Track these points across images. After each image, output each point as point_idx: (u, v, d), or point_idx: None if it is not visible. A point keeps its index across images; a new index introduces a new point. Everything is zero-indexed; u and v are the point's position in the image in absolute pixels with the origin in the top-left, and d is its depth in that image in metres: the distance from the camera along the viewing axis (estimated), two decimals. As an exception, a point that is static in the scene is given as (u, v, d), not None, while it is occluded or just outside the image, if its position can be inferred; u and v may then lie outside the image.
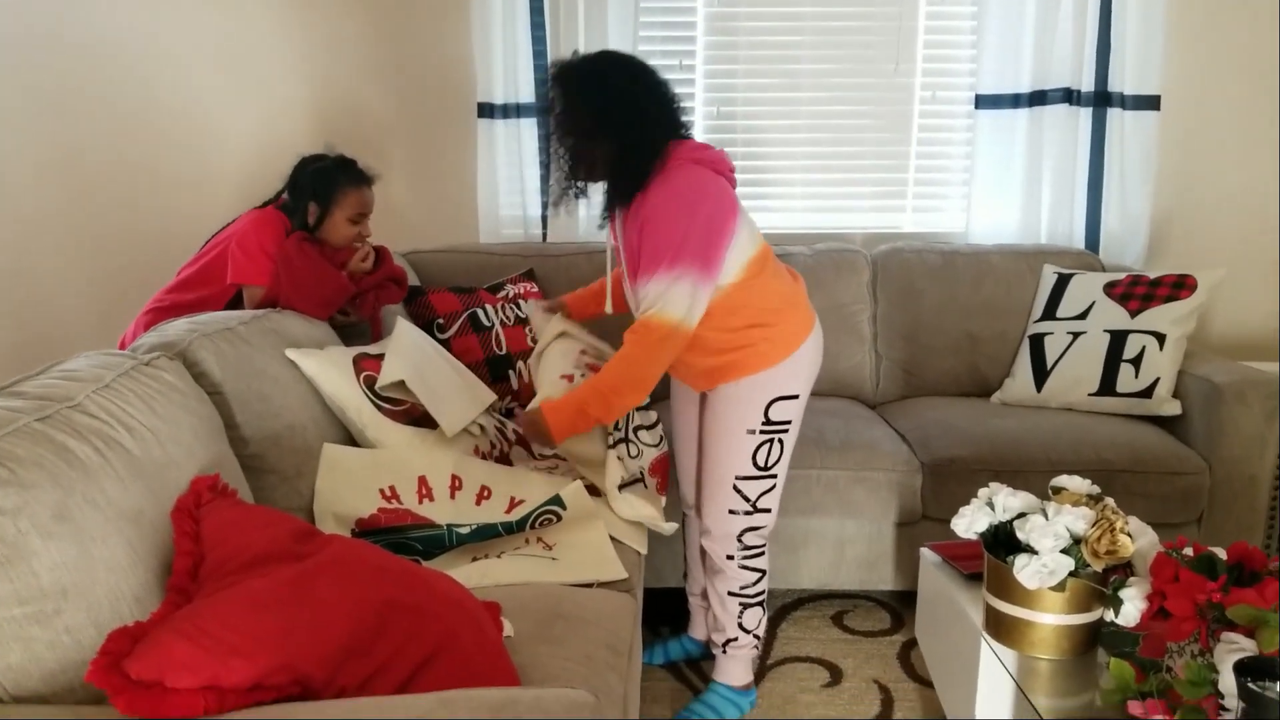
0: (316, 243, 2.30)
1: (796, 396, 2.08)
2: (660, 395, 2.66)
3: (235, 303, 2.32)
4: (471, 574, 1.78)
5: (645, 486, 2.16)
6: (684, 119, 2.03)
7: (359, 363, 2.09)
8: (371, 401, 2.04)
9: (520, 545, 1.92)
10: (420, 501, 1.98)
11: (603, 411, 1.98)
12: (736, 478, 2.08)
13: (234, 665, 1.08)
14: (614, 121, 1.93)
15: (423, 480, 2.01)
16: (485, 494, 2.05)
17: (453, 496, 2.01)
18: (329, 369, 2.02)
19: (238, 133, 3.26)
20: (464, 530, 1.89)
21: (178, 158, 3.26)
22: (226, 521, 1.35)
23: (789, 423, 2.09)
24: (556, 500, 1.92)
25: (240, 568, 1.26)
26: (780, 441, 2.09)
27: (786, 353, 2.03)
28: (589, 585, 1.83)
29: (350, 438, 2.07)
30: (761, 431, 2.06)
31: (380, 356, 2.16)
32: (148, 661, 1.05)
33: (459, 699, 1.10)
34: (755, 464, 2.07)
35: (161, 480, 1.39)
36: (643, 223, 1.91)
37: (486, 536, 1.90)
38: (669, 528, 2.08)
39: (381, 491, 1.97)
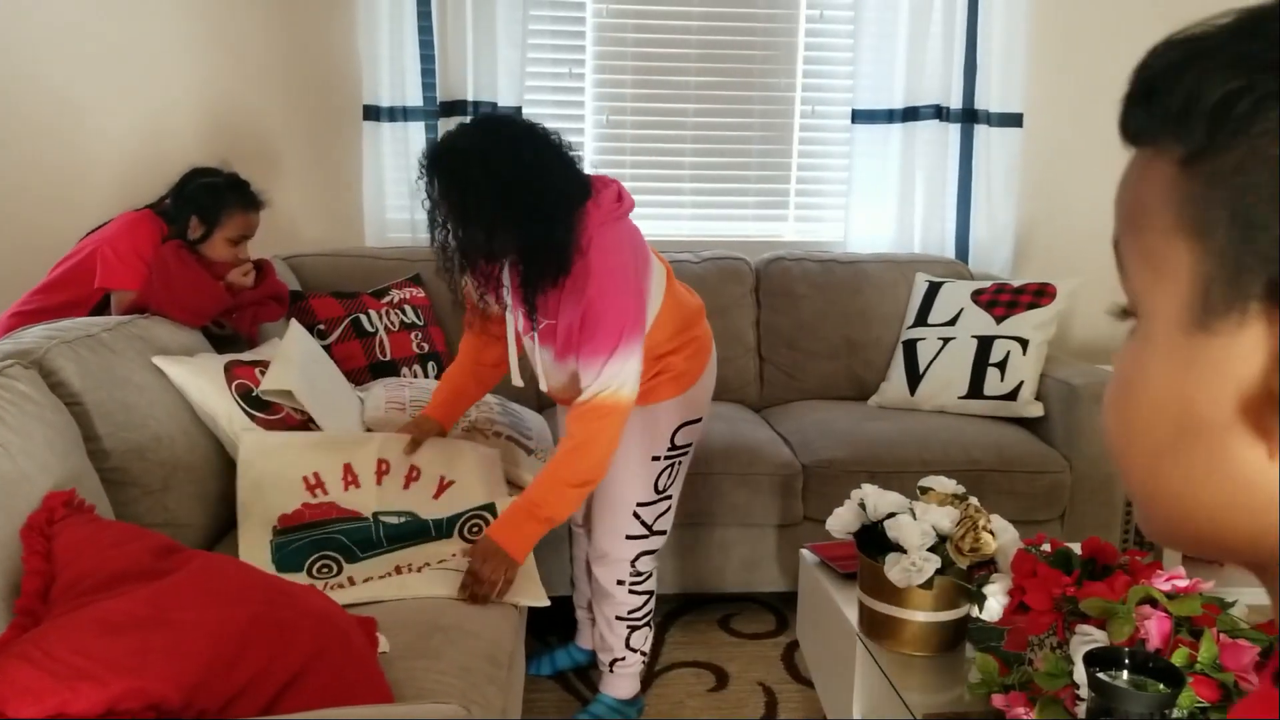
0: (194, 251, 2.23)
1: (700, 420, 2.09)
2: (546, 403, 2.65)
3: (102, 308, 2.22)
4: (390, 587, 1.73)
5: None
6: (584, 173, 1.84)
7: (231, 370, 2.02)
8: (244, 410, 1.98)
9: (446, 558, 1.86)
10: (346, 489, 1.92)
11: (562, 507, 1.81)
12: (637, 504, 2.05)
13: (83, 690, 1.03)
14: (524, 207, 1.71)
15: (348, 467, 1.94)
16: (414, 475, 1.99)
17: (379, 482, 1.95)
18: (198, 377, 1.95)
19: (115, 130, 3.11)
20: (392, 521, 1.84)
21: (51, 156, 3.08)
22: (81, 539, 1.29)
23: (690, 445, 2.09)
24: (490, 507, 1.88)
25: (95, 587, 1.21)
26: (680, 464, 2.09)
27: (692, 380, 2.02)
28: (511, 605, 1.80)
29: (220, 447, 2.00)
30: (666, 457, 2.04)
31: (254, 364, 2.09)
32: (-12, 689, 0.99)
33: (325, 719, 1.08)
34: (656, 489, 2.06)
35: (11, 496, 1.32)
36: (585, 306, 1.77)
37: (415, 533, 1.85)
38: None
39: (305, 479, 1.90)
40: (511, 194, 1.70)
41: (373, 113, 3.09)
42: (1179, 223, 0.42)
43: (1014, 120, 3.20)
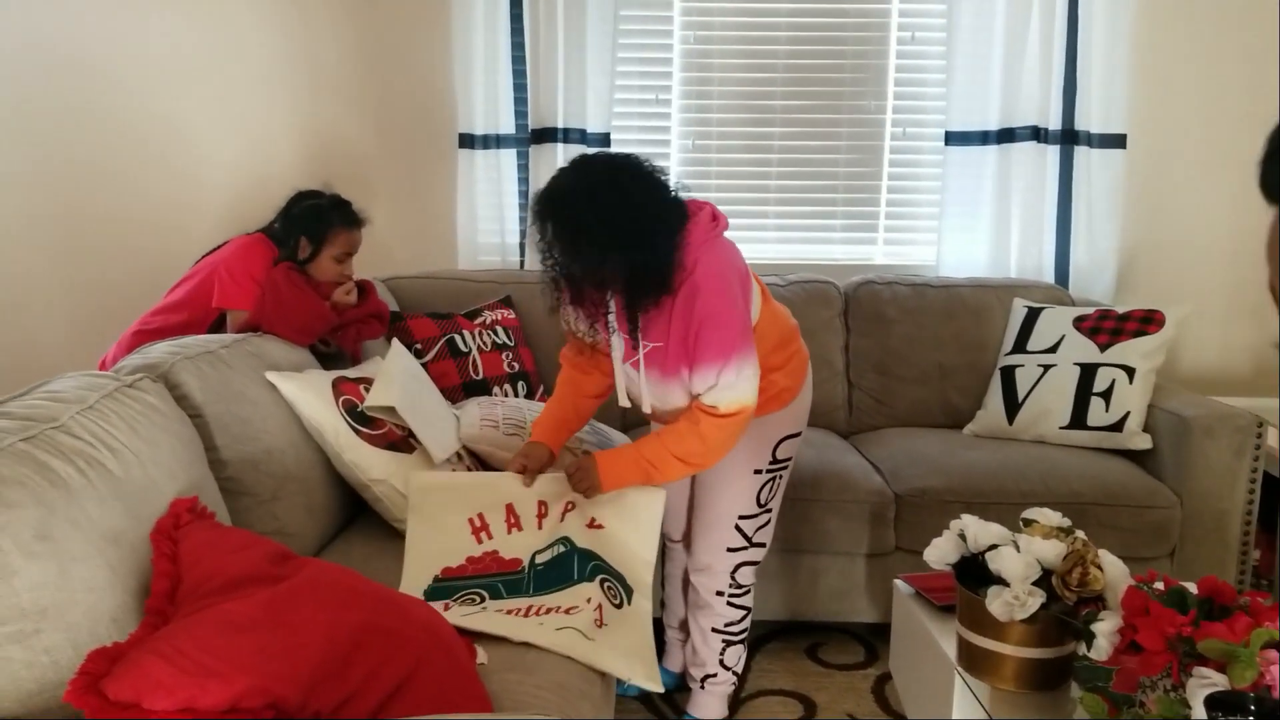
0: (303, 273, 2.33)
1: (799, 434, 2.12)
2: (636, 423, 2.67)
3: (218, 326, 2.33)
4: (516, 627, 1.72)
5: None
6: (681, 197, 1.91)
7: (338, 386, 2.09)
8: (350, 425, 2.04)
9: (579, 604, 1.83)
10: (509, 531, 1.96)
11: (663, 474, 1.93)
12: (739, 517, 2.09)
13: (210, 687, 1.08)
14: (630, 236, 1.78)
15: (510, 508, 1.99)
16: (569, 507, 2.01)
17: (540, 526, 1.99)
18: (307, 392, 2.02)
19: (224, 158, 3.27)
20: (545, 559, 1.88)
21: (163, 181, 3.26)
22: (204, 543, 1.35)
23: (790, 459, 2.12)
24: (621, 579, 1.91)
25: (217, 590, 1.26)
26: (781, 477, 2.12)
27: (793, 394, 2.06)
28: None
29: (326, 460, 2.06)
30: (768, 470, 2.08)
31: (359, 380, 2.16)
32: (125, 682, 1.04)
33: (436, 724, 1.10)
34: (758, 502, 2.09)
35: (142, 501, 1.39)
36: (699, 320, 1.83)
37: (560, 579, 1.86)
38: None
39: (471, 522, 1.96)
40: (618, 225, 1.77)
41: (467, 140, 3.19)
42: None
43: (1117, 141, 3.12)
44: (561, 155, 3.17)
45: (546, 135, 3.18)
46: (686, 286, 1.84)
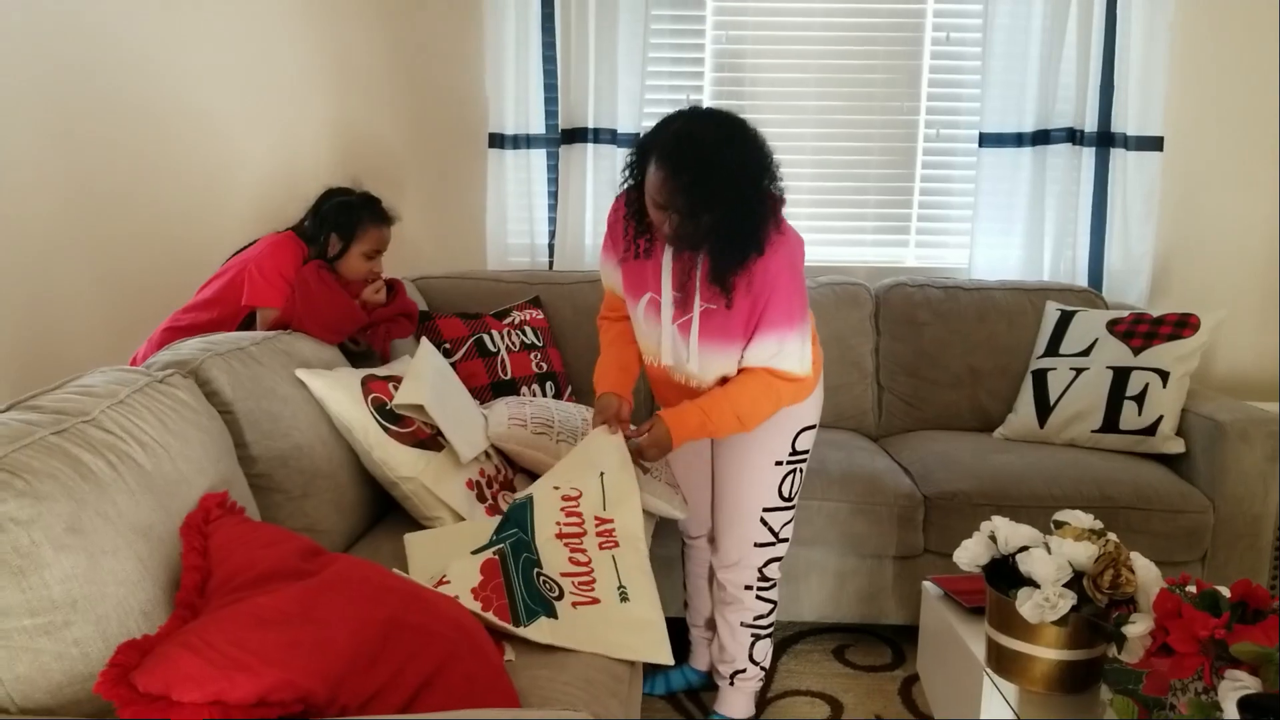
0: (333, 271, 2.35)
1: (815, 426, 2.13)
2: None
3: (248, 324, 2.35)
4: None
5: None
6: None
7: (367, 384, 2.11)
8: (378, 423, 2.05)
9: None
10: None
11: (722, 427, 1.96)
12: (764, 510, 2.10)
13: (239, 681, 1.09)
14: (759, 191, 1.81)
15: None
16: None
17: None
18: (337, 390, 2.03)
19: (255, 156, 3.30)
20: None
21: (195, 179, 3.30)
22: (234, 538, 1.36)
23: (808, 451, 2.13)
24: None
25: (246, 584, 1.27)
26: (801, 470, 2.13)
27: (812, 386, 2.06)
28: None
29: (355, 458, 2.08)
30: (788, 462, 2.09)
31: (388, 379, 2.17)
32: (155, 675, 1.06)
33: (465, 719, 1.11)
34: (781, 495, 2.10)
35: (172, 496, 1.40)
36: (770, 284, 1.86)
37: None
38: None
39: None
40: (747, 176, 1.78)
41: (497, 140, 3.20)
42: None
43: (1153, 144, 3.08)
44: (591, 156, 3.17)
45: (577, 135, 3.18)
46: (771, 252, 1.85)
